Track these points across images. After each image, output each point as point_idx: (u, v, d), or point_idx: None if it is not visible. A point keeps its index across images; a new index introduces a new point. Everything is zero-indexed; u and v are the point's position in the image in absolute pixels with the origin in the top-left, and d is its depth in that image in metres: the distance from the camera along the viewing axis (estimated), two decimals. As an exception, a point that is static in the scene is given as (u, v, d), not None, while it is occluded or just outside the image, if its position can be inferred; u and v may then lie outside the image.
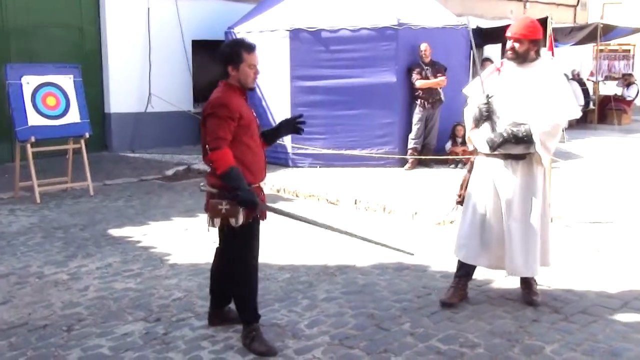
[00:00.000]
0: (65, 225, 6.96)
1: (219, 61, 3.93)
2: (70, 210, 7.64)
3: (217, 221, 3.85)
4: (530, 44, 4.53)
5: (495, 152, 4.54)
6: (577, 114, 4.71)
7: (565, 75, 15.72)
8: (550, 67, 4.76)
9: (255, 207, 3.79)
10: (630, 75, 19.60)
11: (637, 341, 4.14)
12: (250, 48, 3.89)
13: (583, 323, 4.41)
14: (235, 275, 4.05)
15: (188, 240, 6.32)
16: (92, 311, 4.63)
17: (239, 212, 3.77)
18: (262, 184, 4.09)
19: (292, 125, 4.21)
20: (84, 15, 11.50)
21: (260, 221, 4.07)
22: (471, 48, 11.71)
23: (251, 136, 3.89)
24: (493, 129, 4.54)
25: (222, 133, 3.75)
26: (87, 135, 8.47)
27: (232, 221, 3.80)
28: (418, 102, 9.97)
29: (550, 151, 4.56)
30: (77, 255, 5.95)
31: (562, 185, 8.16)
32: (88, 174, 8.44)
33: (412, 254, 4.66)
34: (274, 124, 9.95)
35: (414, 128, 10.01)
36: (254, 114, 4.06)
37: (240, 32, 10.76)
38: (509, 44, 4.58)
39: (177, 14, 12.19)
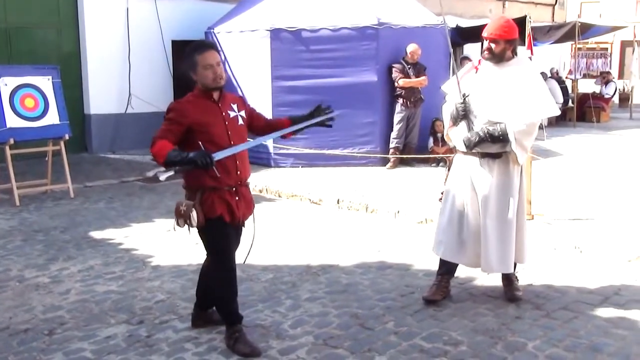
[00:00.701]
0: (46, 228, 6.89)
1: None
2: (50, 213, 7.57)
3: (181, 222, 3.85)
4: (506, 43, 4.57)
5: (473, 151, 4.57)
6: (555, 111, 4.74)
7: (544, 73, 15.87)
8: (527, 66, 4.79)
9: (211, 161, 3.65)
10: (608, 73, 19.84)
11: (617, 336, 4.20)
12: (202, 49, 3.90)
13: (564, 319, 4.46)
14: (210, 276, 4.05)
15: (170, 241, 6.29)
16: (73, 314, 4.59)
17: (190, 214, 3.78)
18: (235, 188, 3.95)
19: (322, 119, 4.22)
20: (62, 16, 11.40)
21: (238, 223, 4.04)
22: (454, 46, 11.84)
23: (211, 140, 3.83)
24: (470, 128, 4.57)
25: (161, 133, 3.78)
26: (66, 136, 8.38)
27: (188, 222, 3.81)
28: (400, 101, 10.00)
29: (527, 149, 4.60)
30: (58, 258, 5.89)
31: (543, 182, 8.23)
32: (68, 176, 8.36)
33: (335, 113, 4.34)
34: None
35: (396, 127, 10.04)
36: (232, 115, 3.98)
37: (220, 32, 10.73)
38: (485, 44, 4.61)
39: (157, 14, 12.11)
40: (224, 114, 3.96)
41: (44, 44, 11.22)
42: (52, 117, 8.28)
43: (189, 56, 3.91)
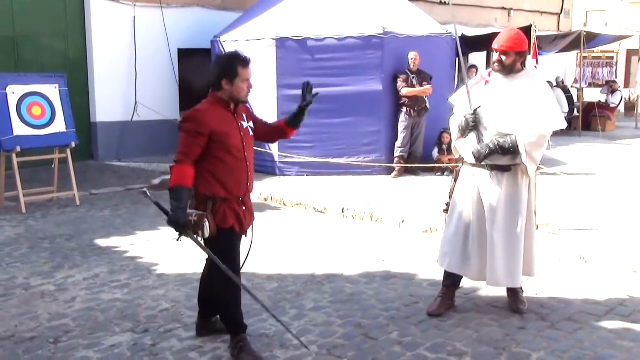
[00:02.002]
0: (52, 236, 6.92)
1: (212, 73, 3.94)
2: (56, 221, 7.60)
3: (190, 232, 3.85)
4: (517, 55, 4.57)
5: (482, 163, 4.57)
6: (563, 124, 4.72)
7: (549, 82, 15.86)
8: (536, 77, 4.79)
9: (180, 230, 3.79)
10: (614, 82, 19.80)
11: (622, 348, 4.19)
12: (246, 63, 3.88)
13: (569, 330, 4.45)
14: (215, 286, 4.06)
15: (175, 250, 6.27)
16: (79, 323, 4.61)
17: (203, 224, 3.79)
18: (241, 198, 3.99)
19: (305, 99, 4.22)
20: (70, 24, 11.48)
21: (242, 234, 4.06)
22: (457, 56, 11.85)
23: (227, 150, 3.86)
24: (479, 140, 4.56)
25: (186, 148, 3.79)
26: (73, 144, 8.43)
27: (200, 233, 3.82)
28: (404, 110, 10.03)
29: (537, 162, 4.59)
30: (63, 266, 5.92)
31: (548, 192, 8.22)
32: (74, 184, 8.40)
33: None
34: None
35: (400, 136, 10.06)
36: (244, 126, 4.01)
37: (226, 41, 10.78)
38: (495, 56, 4.61)
39: (163, 23, 12.17)
40: (239, 124, 3.98)
41: (51, 51, 11.29)
42: (59, 125, 8.34)
43: (229, 65, 3.87)
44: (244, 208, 4.01)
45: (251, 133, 4.09)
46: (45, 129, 8.21)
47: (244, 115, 4.09)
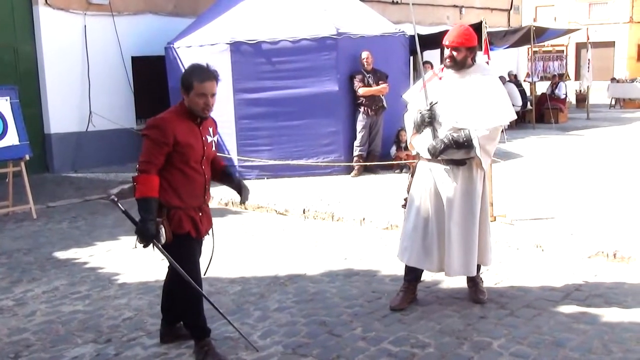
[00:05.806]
0: (8, 250, 6.79)
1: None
2: (12, 235, 7.46)
3: (155, 242, 3.83)
4: (467, 51, 4.65)
5: (437, 158, 4.64)
6: (513, 116, 4.84)
7: (502, 77, 16.14)
8: (487, 72, 4.88)
9: (148, 242, 3.78)
10: (554, 76, 20.15)
11: (579, 331, 4.31)
12: (202, 77, 3.82)
13: (528, 317, 4.56)
14: (176, 292, 4.05)
15: (136, 258, 6.24)
16: (40, 336, 4.54)
17: (159, 230, 3.80)
18: (196, 208, 3.99)
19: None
20: (19, 35, 11.24)
21: (201, 237, 4.07)
22: (414, 54, 11.99)
23: (187, 162, 3.85)
24: (434, 136, 4.63)
25: (151, 157, 3.76)
26: (27, 157, 8.28)
27: (155, 239, 3.81)
28: (361, 109, 10.10)
29: (490, 154, 4.68)
30: (22, 280, 5.81)
31: (504, 184, 8.37)
32: (30, 197, 8.25)
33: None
34: (220, 141, 10.03)
35: (359, 135, 10.14)
36: (207, 139, 3.99)
37: (180, 47, 10.71)
38: (446, 52, 4.69)
39: (115, 31, 12.03)
40: (203, 138, 3.97)
41: (1, 64, 11.05)
42: (12, 138, 8.18)
43: (186, 76, 3.85)
44: (201, 214, 4.01)
45: (213, 147, 4.08)
46: (-3, 143, 8.05)
47: (210, 130, 4.07)
